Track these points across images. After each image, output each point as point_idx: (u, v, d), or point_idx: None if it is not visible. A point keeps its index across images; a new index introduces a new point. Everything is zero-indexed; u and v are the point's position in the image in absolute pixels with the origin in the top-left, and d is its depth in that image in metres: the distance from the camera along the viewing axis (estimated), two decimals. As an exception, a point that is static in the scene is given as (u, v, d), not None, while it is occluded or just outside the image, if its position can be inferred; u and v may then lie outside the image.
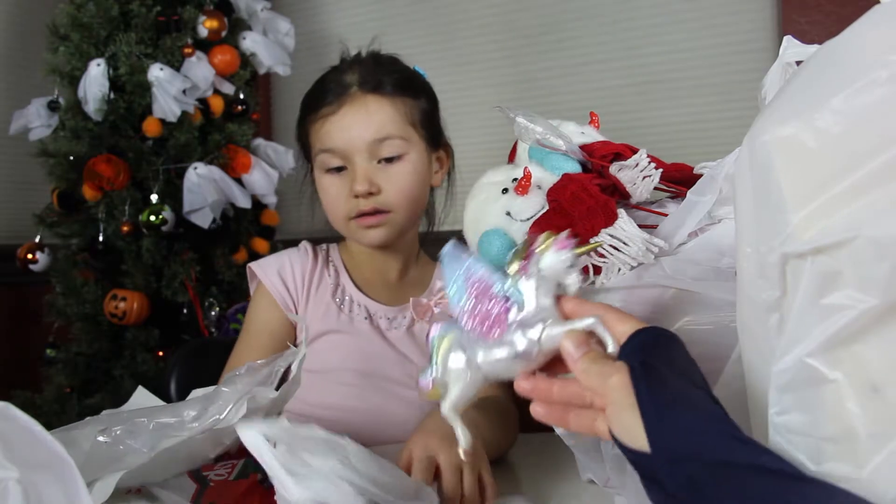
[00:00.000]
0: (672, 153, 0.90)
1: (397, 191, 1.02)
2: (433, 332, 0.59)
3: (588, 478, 0.83)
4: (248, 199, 1.98)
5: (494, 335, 0.56)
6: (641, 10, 2.21)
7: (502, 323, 0.56)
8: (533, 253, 0.56)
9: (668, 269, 0.69)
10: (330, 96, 1.02)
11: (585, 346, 0.53)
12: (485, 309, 0.56)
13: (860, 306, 0.40)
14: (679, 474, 0.43)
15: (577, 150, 0.80)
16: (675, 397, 0.46)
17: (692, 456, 0.43)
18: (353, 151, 1.00)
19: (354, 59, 1.08)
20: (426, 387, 0.58)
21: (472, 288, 0.57)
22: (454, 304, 0.58)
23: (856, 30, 0.43)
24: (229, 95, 2.03)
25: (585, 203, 0.72)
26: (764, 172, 0.45)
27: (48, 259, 1.90)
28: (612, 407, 0.49)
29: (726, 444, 0.42)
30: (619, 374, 0.49)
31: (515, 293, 0.56)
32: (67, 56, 1.85)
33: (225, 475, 0.67)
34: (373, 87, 1.02)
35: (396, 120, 1.02)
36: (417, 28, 2.49)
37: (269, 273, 1.08)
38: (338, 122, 1.01)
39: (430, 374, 0.58)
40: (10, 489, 0.44)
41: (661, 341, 0.51)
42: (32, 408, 1.81)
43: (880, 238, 0.39)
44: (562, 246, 0.56)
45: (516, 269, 0.57)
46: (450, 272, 0.59)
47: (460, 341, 0.57)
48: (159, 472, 0.64)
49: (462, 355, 0.56)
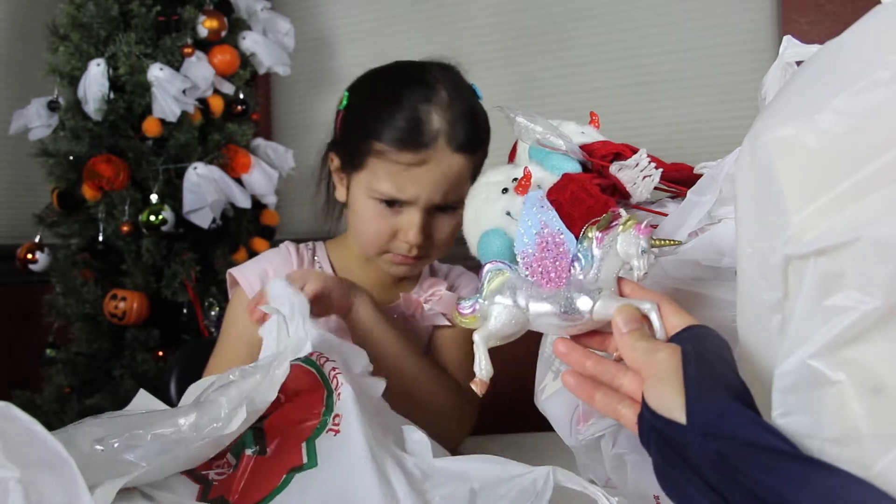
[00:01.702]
0: (672, 153, 0.90)
1: (442, 240, 1.01)
2: (488, 266, 0.60)
3: (588, 478, 0.83)
4: (247, 199, 1.98)
5: (551, 287, 0.57)
6: (641, 10, 2.20)
7: (562, 278, 0.57)
8: (612, 228, 0.58)
9: (668, 269, 0.69)
10: (414, 140, 0.94)
11: (636, 322, 0.54)
12: (549, 261, 0.58)
13: (862, 307, 0.40)
14: (709, 448, 0.44)
15: (577, 150, 0.80)
16: (718, 382, 0.48)
17: (724, 434, 0.44)
18: (420, 205, 0.97)
19: (444, 93, 0.98)
20: (468, 311, 0.59)
21: (544, 237, 0.59)
22: (520, 245, 0.60)
23: (857, 30, 0.43)
24: (229, 95, 2.03)
25: (585, 203, 0.72)
26: (765, 173, 0.45)
27: (48, 259, 1.90)
28: (653, 380, 0.51)
29: (758, 429, 0.44)
30: (668, 350, 0.51)
31: (586, 256, 0.58)
32: (67, 56, 1.85)
33: (226, 472, 0.66)
34: (459, 144, 0.96)
35: (467, 179, 0.98)
36: (417, 28, 2.49)
37: (249, 279, 1.06)
38: (417, 177, 0.95)
39: (475, 301, 0.59)
40: (10, 489, 0.44)
41: (713, 337, 0.53)
42: (32, 408, 1.81)
43: (882, 239, 0.39)
44: (642, 232, 0.58)
45: (592, 237, 0.58)
46: (527, 215, 0.60)
47: (514, 282, 0.58)
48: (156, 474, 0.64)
49: (511, 294, 0.58)
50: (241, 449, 0.67)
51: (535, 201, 0.61)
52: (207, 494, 0.64)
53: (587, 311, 0.56)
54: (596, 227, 0.59)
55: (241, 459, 0.66)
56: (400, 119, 0.95)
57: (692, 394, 0.47)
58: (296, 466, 0.63)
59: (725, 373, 0.49)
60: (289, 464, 0.63)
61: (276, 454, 0.65)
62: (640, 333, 0.54)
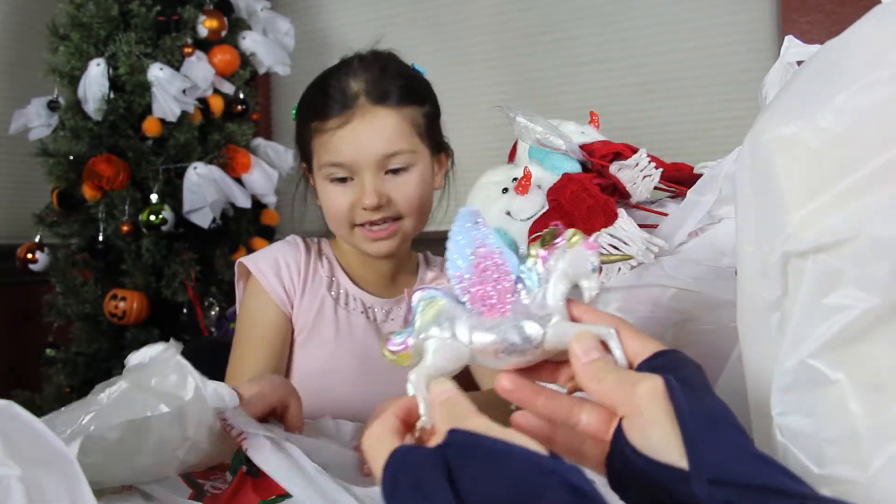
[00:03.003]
0: (672, 153, 0.90)
1: (406, 201, 1.01)
2: (419, 295, 0.52)
3: (588, 477, 0.83)
4: (247, 199, 1.99)
5: (494, 315, 0.50)
6: (641, 9, 2.21)
7: (505, 304, 0.51)
8: (558, 245, 0.52)
9: (668, 269, 0.69)
10: (336, 106, 0.99)
11: (598, 351, 0.48)
12: (490, 284, 0.51)
13: (862, 305, 0.40)
14: (718, 496, 0.40)
15: (577, 150, 0.81)
16: (713, 415, 0.43)
17: (734, 480, 0.40)
18: (362, 166, 0.98)
19: (357, 62, 1.04)
20: (398, 348, 0.51)
21: (481, 259, 0.52)
22: (453, 269, 0.52)
23: (857, 30, 0.43)
24: (229, 95, 2.03)
25: (585, 203, 0.72)
26: (765, 172, 0.45)
27: (48, 259, 1.90)
28: (636, 417, 0.44)
29: (769, 470, 0.40)
30: (649, 382, 0.45)
31: (530, 277, 0.51)
32: (67, 56, 1.85)
33: (222, 488, 0.67)
34: (380, 97, 0.99)
35: (405, 132, 1.00)
36: (417, 28, 2.49)
37: (262, 268, 1.06)
38: (346, 137, 0.98)
39: (409, 336, 0.51)
40: (12, 487, 0.44)
41: (689, 363, 0.48)
42: (32, 408, 1.79)
43: (882, 237, 0.39)
44: (591, 247, 0.52)
45: (536, 255, 0.52)
46: (459, 233, 0.52)
47: (451, 311, 0.51)
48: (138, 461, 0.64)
49: (449, 325, 0.50)
50: (238, 465, 0.68)
51: (466, 217, 0.52)
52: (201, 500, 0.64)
53: (538, 341, 0.49)
54: (539, 243, 0.52)
55: (237, 477, 0.67)
56: (322, 93, 1.01)
57: (691, 434, 0.42)
58: (282, 494, 0.63)
59: (715, 405, 0.44)
60: (277, 489, 0.64)
61: (265, 478, 0.66)
62: (605, 363, 0.47)
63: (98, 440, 0.58)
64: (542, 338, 0.49)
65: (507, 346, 0.49)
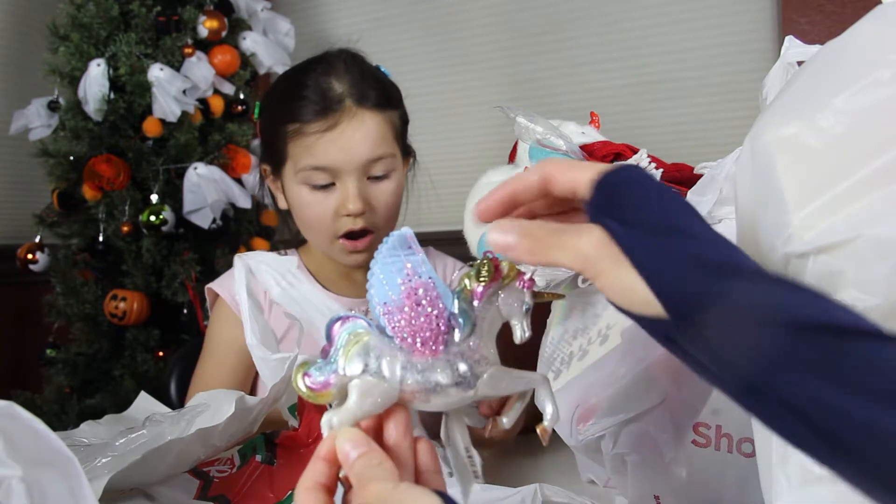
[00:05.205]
0: (672, 153, 0.91)
1: (385, 209, 1.01)
2: (340, 326, 0.46)
3: (588, 478, 0.83)
4: (248, 200, 1.98)
5: (425, 354, 0.45)
6: (641, 10, 2.21)
7: (438, 345, 0.46)
8: (494, 282, 0.48)
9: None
10: (320, 108, 0.96)
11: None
12: (423, 319, 0.46)
13: (862, 306, 0.40)
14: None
15: (577, 150, 0.81)
16: (669, 226, 0.39)
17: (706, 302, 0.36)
18: (347, 171, 0.97)
19: (337, 60, 1.01)
20: (319, 388, 0.45)
21: (412, 290, 0.46)
22: (381, 297, 0.47)
23: (858, 30, 0.43)
24: (229, 95, 2.03)
25: (586, 203, 0.72)
26: (765, 172, 0.45)
27: (48, 259, 1.90)
28: (599, 279, 0.41)
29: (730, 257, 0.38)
30: (586, 237, 0.41)
31: (464, 316, 0.46)
32: (67, 56, 1.85)
33: (227, 471, 0.67)
34: (364, 99, 0.97)
35: (387, 136, 0.99)
36: (417, 28, 2.49)
37: (230, 290, 1.06)
38: (334, 140, 0.96)
39: (331, 374, 0.45)
40: (13, 487, 0.44)
41: (625, 171, 0.43)
42: (32, 408, 1.80)
43: (882, 237, 0.39)
44: (527, 286, 0.49)
45: (471, 291, 0.48)
46: (390, 259, 0.47)
47: (378, 347, 0.46)
48: (153, 473, 0.64)
49: (377, 364, 0.45)
50: (251, 452, 0.68)
51: (400, 241, 0.47)
52: (207, 491, 0.64)
53: (472, 388, 0.46)
54: (474, 276, 0.48)
55: (248, 462, 0.67)
56: (305, 94, 0.98)
57: (655, 277, 0.38)
58: None
59: (665, 211, 0.40)
60: (296, 481, 0.64)
61: (283, 469, 0.66)
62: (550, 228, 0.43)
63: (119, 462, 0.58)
64: (476, 384, 0.46)
65: (439, 390, 0.45)
